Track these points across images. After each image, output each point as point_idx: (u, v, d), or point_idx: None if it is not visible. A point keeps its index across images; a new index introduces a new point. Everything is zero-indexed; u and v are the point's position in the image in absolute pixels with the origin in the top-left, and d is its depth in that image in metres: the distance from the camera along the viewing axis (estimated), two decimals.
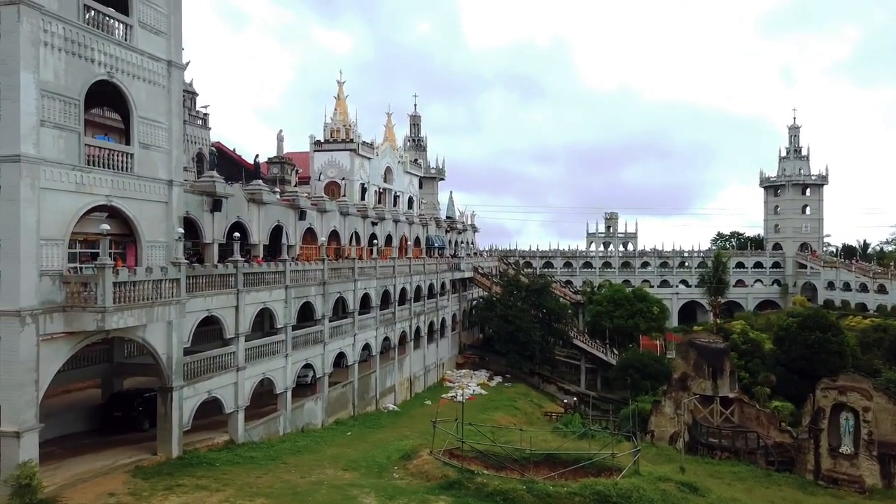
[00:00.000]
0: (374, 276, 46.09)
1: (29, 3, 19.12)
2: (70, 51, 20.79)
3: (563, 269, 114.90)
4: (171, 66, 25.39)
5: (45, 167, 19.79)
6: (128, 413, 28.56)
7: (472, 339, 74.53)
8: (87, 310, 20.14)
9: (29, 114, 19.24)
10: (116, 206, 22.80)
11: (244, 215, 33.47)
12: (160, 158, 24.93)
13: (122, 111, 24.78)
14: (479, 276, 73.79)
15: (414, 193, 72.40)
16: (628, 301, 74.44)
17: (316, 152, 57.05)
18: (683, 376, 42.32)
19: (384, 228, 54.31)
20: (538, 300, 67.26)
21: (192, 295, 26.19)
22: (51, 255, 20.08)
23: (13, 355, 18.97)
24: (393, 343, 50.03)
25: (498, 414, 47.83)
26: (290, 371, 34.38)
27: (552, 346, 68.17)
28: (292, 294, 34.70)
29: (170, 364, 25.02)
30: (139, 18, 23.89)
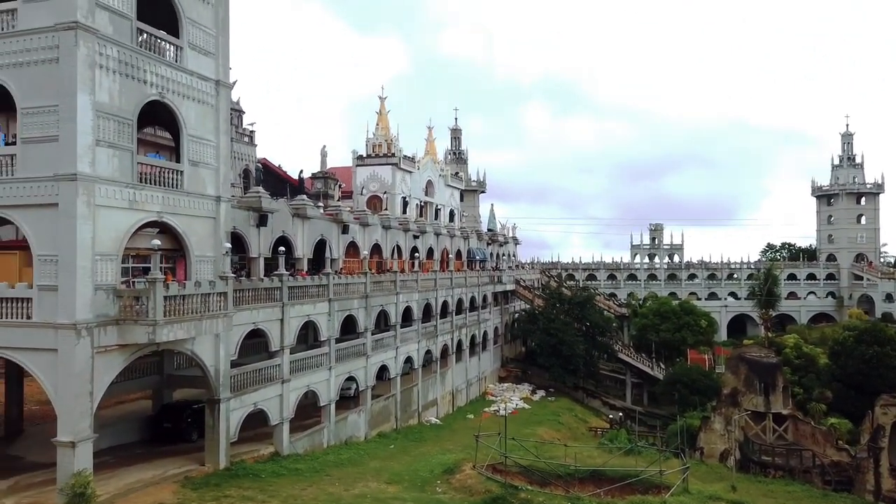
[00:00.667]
0: (415, 289, 46.26)
1: (85, 28, 19.96)
2: (124, 72, 21.58)
3: (607, 282, 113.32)
4: (218, 85, 26.12)
5: (100, 185, 20.51)
6: (177, 424, 29.19)
7: (514, 352, 73.99)
8: (139, 323, 20.71)
9: (85, 134, 20.00)
10: (167, 222, 23.46)
11: (289, 230, 34.05)
12: (208, 175, 25.60)
13: (172, 130, 25.58)
14: (521, 289, 73.33)
15: (455, 206, 72.58)
16: (675, 314, 72.90)
17: (358, 167, 57.82)
18: (734, 392, 41.11)
19: (426, 241, 54.52)
20: (581, 313, 66.43)
21: (238, 308, 26.70)
22: (105, 269, 20.74)
23: (69, 367, 19.60)
24: (435, 356, 50.02)
25: (541, 429, 47.22)
26: (334, 383, 34.67)
27: (596, 359, 67.12)
28: (336, 307, 35.08)
29: (217, 376, 25.52)
30: (189, 40, 24.68)
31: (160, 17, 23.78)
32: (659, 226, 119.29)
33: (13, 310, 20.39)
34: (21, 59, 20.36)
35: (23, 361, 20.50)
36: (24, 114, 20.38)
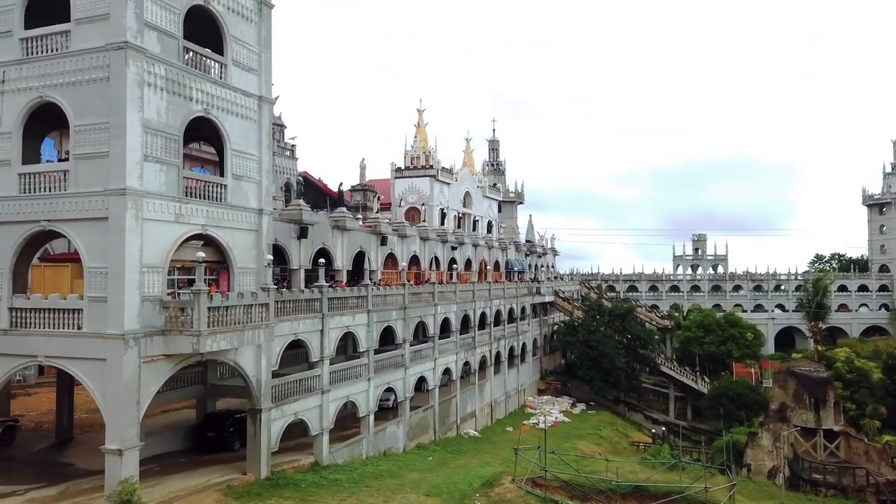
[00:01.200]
0: (453, 300, 46.26)
1: (135, 48, 20.66)
2: (171, 90, 22.25)
3: (649, 293, 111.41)
4: (261, 100, 26.71)
5: (148, 199, 21.12)
6: (220, 433, 29.69)
7: (553, 364, 73.24)
8: (184, 333, 21.18)
9: (134, 150, 20.64)
10: (211, 235, 24.00)
11: (329, 241, 34.47)
12: (251, 189, 26.13)
13: (216, 145, 26.23)
14: (560, 301, 72.65)
15: (493, 217, 72.50)
16: (719, 326, 71.20)
17: (397, 179, 58.30)
18: (782, 407, 39.86)
19: (463, 253, 54.54)
20: (622, 325, 65.43)
21: (279, 319, 27.08)
22: (152, 281, 21.31)
23: (117, 376, 20.14)
24: (473, 368, 49.85)
25: (582, 442, 46.55)
26: (373, 394, 34.83)
27: (638, 372, 65.95)
28: (374, 318, 35.30)
29: (259, 386, 25.90)
30: (233, 57, 25.33)
31: (205, 35, 24.48)
32: (702, 236, 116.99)
33: (65, 320, 21.10)
34: (74, 78, 21.18)
35: (73, 370, 21.17)
36: (76, 131, 21.16)
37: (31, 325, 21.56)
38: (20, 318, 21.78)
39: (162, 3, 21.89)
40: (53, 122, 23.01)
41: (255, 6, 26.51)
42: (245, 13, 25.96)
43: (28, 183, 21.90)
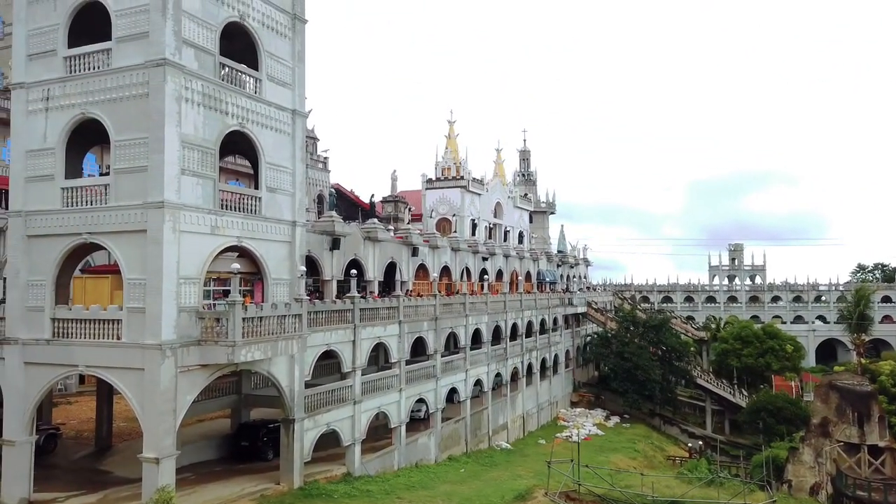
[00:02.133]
0: (485, 311, 46.11)
1: (173, 64, 21.20)
2: (207, 105, 22.74)
3: (684, 304, 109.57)
4: (295, 114, 27.12)
5: (185, 212, 21.57)
6: (254, 443, 29.99)
7: (586, 376, 72.35)
8: (220, 344, 21.50)
9: (172, 163, 21.13)
10: (246, 247, 24.38)
11: (360, 253, 34.72)
12: (285, 201, 26.50)
13: (251, 158, 26.68)
14: (593, 311, 71.84)
15: (524, 228, 72.21)
16: (758, 338, 69.48)
17: (427, 190, 58.51)
18: (824, 421, 38.70)
19: (495, 263, 54.39)
20: (657, 336, 64.36)
21: (312, 330, 27.32)
22: (188, 292, 21.70)
23: (155, 385, 20.52)
24: (505, 379, 49.53)
25: (616, 456, 45.80)
26: (404, 405, 34.83)
27: (674, 385, 64.71)
28: (406, 329, 35.37)
29: (292, 396, 26.11)
30: (267, 72, 25.80)
31: (240, 51, 25.00)
32: (739, 246, 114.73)
33: (105, 330, 21.61)
34: (114, 94, 21.81)
35: (112, 380, 21.64)
36: (116, 146, 21.76)
37: (72, 336, 22.14)
38: (62, 329, 22.38)
39: (199, 21, 22.43)
40: (95, 138, 23.70)
41: (289, 22, 27.00)
42: (279, 29, 26.45)
43: (70, 197, 22.57)
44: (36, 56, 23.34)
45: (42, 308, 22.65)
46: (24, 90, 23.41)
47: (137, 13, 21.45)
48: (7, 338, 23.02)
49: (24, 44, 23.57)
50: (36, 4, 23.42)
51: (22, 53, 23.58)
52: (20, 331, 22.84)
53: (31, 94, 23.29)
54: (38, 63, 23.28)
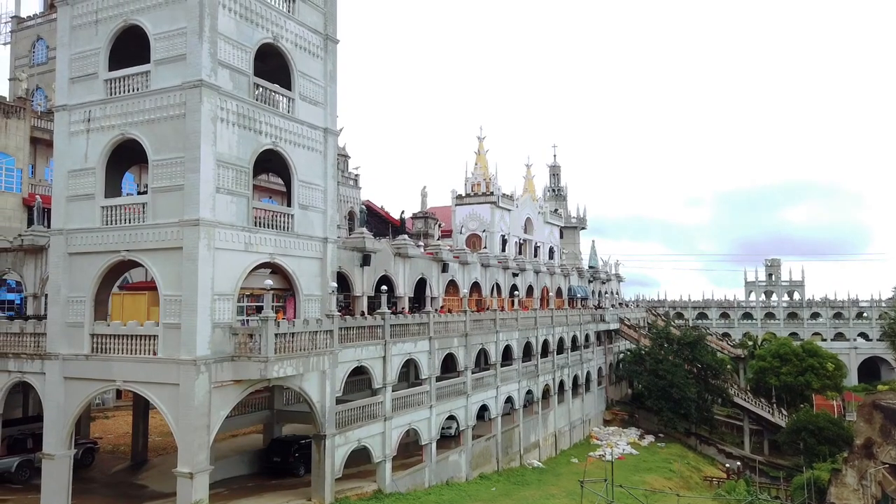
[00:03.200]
0: (515, 327, 45.81)
1: (209, 85, 21.70)
2: (241, 124, 23.20)
3: (720, 321, 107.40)
4: (326, 132, 27.50)
5: (220, 229, 21.95)
6: (285, 458, 30.12)
7: (619, 394, 71.22)
8: (253, 359, 21.71)
9: (207, 182, 21.56)
10: (278, 263, 24.68)
11: (391, 269, 34.85)
12: (317, 218, 26.80)
13: (284, 176, 27.09)
14: (626, 328, 70.85)
15: (555, 243, 71.79)
16: (797, 356, 67.73)
17: (457, 206, 58.66)
18: (868, 442, 37.40)
19: (525, 279, 54.11)
20: (692, 354, 63.14)
21: (343, 346, 27.44)
22: (222, 308, 22.01)
23: (189, 401, 20.79)
24: (536, 397, 49.01)
25: (651, 476, 44.85)
26: (435, 422, 34.67)
27: (710, 404, 63.29)
28: (436, 345, 35.30)
29: (323, 412, 26.19)
30: (300, 92, 26.24)
31: (274, 71, 25.48)
32: (776, 261, 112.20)
33: (141, 346, 22.02)
34: (153, 115, 22.40)
35: (148, 394, 21.99)
36: (154, 165, 22.30)
37: (110, 351, 22.59)
38: (101, 344, 22.86)
39: (234, 43, 22.96)
40: (134, 158, 24.32)
41: (321, 42, 27.48)
42: (312, 49, 26.92)
43: (110, 215, 23.16)
44: (78, 79, 24.12)
45: (82, 324, 23.18)
46: (67, 112, 24.20)
47: (175, 36, 22.06)
48: (48, 353, 23.59)
49: (67, 67, 24.40)
50: (79, 30, 24.26)
51: (65, 77, 24.41)
52: (61, 346, 23.39)
53: (74, 116, 24.06)
54: (81, 86, 24.06)
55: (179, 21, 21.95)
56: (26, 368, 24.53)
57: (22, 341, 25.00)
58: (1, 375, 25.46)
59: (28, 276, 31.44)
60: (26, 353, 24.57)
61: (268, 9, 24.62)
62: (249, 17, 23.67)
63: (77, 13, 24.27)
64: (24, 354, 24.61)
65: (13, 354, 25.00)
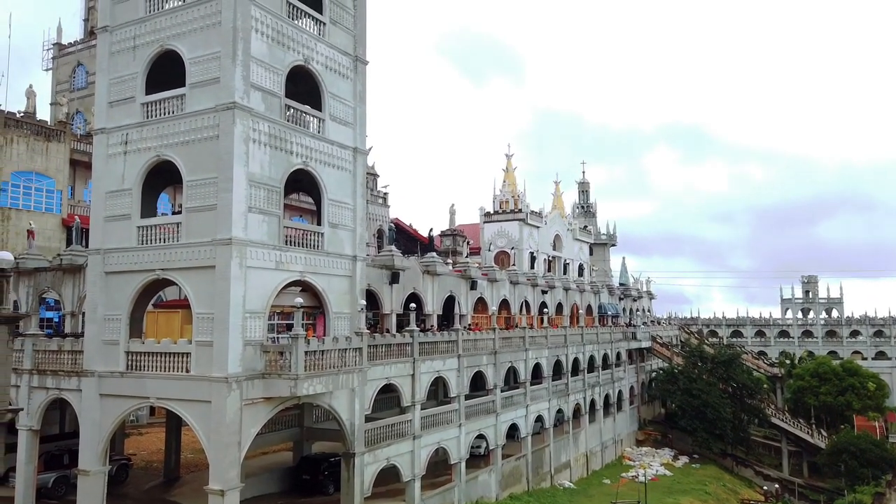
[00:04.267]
0: (545, 345, 45.38)
1: (242, 107, 22.15)
2: (273, 145, 23.59)
3: (755, 339, 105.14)
4: (356, 152, 27.80)
5: (252, 248, 22.25)
6: (315, 476, 30.15)
7: (652, 413, 69.90)
8: (283, 377, 21.84)
9: (239, 202, 21.91)
10: (308, 281, 24.90)
11: (419, 286, 34.89)
12: (346, 236, 27.02)
13: (314, 195, 27.41)
14: (658, 346, 69.70)
15: (584, 260, 71.21)
16: (836, 375, 65.81)
17: (486, 223, 58.67)
18: None
19: (554, 297, 53.69)
20: (727, 372, 61.78)
21: (372, 363, 27.47)
22: (253, 326, 22.24)
23: (221, 418, 20.97)
24: (566, 416, 48.35)
25: (686, 498, 43.81)
26: (464, 441, 34.40)
27: (746, 424, 61.74)
28: (465, 363, 35.12)
29: (352, 430, 26.19)
30: (330, 112, 26.63)
31: (304, 92, 25.92)
32: (813, 277, 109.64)
33: (175, 363, 22.31)
34: (187, 137, 22.92)
35: (181, 411, 22.24)
36: (188, 186, 22.76)
37: (144, 368, 22.94)
38: (135, 361, 23.24)
39: (266, 66, 23.44)
40: (169, 179, 24.85)
41: (350, 63, 27.89)
42: (342, 70, 27.34)
43: (145, 235, 23.67)
44: (116, 103, 24.84)
45: (117, 341, 23.63)
46: (106, 135, 24.90)
47: (209, 60, 22.61)
48: (85, 370, 24.08)
49: (106, 92, 25.15)
50: (117, 55, 25.02)
51: (104, 101, 25.16)
52: (97, 363, 23.85)
53: (112, 139, 24.74)
54: (119, 109, 24.76)
55: (213, 45, 22.51)
56: (64, 385, 25.06)
57: (60, 359, 25.60)
58: (39, 392, 26.05)
59: (66, 294, 32.23)
60: (64, 371, 25.15)
61: (299, 32, 25.12)
62: (281, 40, 24.17)
63: (116, 39, 25.06)
64: (62, 371, 25.19)
65: (51, 371, 25.61)
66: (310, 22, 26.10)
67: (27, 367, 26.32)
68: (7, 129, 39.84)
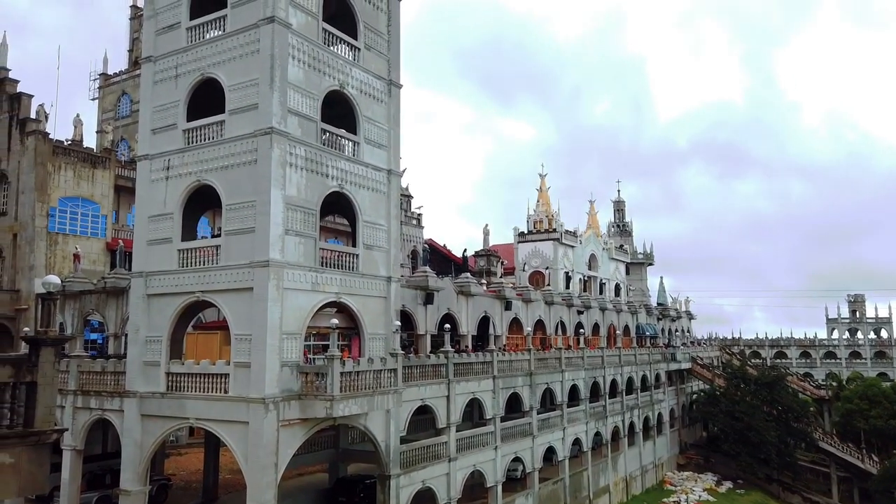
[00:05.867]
0: (581, 366, 44.73)
1: (279, 132, 22.61)
2: (309, 168, 23.98)
3: (800, 360, 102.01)
4: (390, 174, 28.07)
5: (288, 270, 22.54)
6: (350, 498, 30.06)
7: (693, 436, 68.08)
8: (319, 398, 21.94)
9: (277, 224, 22.27)
10: (344, 302, 25.07)
11: (454, 307, 34.82)
12: (380, 257, 27.19)
13: (349, 217, 27.71)
14: (699, 368, 68.05)
15: (620, 280, 70.31)
16: (887, 398, 63.28)
17: (520, 243, 58.51)
18: None
19: (591, 317, 52.98)
20: (771, 395, 59.88)
21: (407, 384, 27.38)
22: (290, 347, 22.45)
23: (258, 439, 21.12)
24: (605, 439, 47.41)
25: None
26: (500, 464, 33.95)
27: (792, 448, 59.62)
28: (500, 384, 34.79)
29: (388, 452, 26.10)
30: (365, 136, 26.99)
31: (339, 116, 26.33)
32: (859, 296, 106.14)
33: (214, 384, 22.62)
34: (226, 162, 23.46)
35: (219, 432, 22.49)
36: (227, 209, 23.24)
37: (184, 389, 23.32)
38: (175, 382, 23.65)
39: (303, 91, 23.93)
40: (208, 202, 25.45)
41: (384, 87, 28.28)
42: (376, 94, 27.74)
43: (186, 258, 24.19)
44: (159, 130, 25.61)
45: (158, 363, 24.09)
46: (149, 161, 25.66)
47: (248, 87, 23.18)
48: (127, 391, 24.58)
49: (149, 119, 25.97)
50: (160, 84, 25.85)
51: (147, 128, 25.97)
52: (138, 384, 24.32)
53: (154, 165, 25.48)
54: (161, 136, 25.52)
55: (252, 73, 23.09)
56: (106, 406, 25.61)
57: (103, 379, 26.20)
58: (83, 412, 26.67)
59: (110, 316, 33.03)
60: (107, 391, 25.71)
61: (334, 58, 25.62)
62: (317, 66, 24.67)
63: (159, 69, 25.92)
64: (105, 392, 25.76)
65: (95, 392, 26.22)
66: (345, 48, 26.61)
67: (72, 388, 27.02)
68: (56, 157, 41.34)
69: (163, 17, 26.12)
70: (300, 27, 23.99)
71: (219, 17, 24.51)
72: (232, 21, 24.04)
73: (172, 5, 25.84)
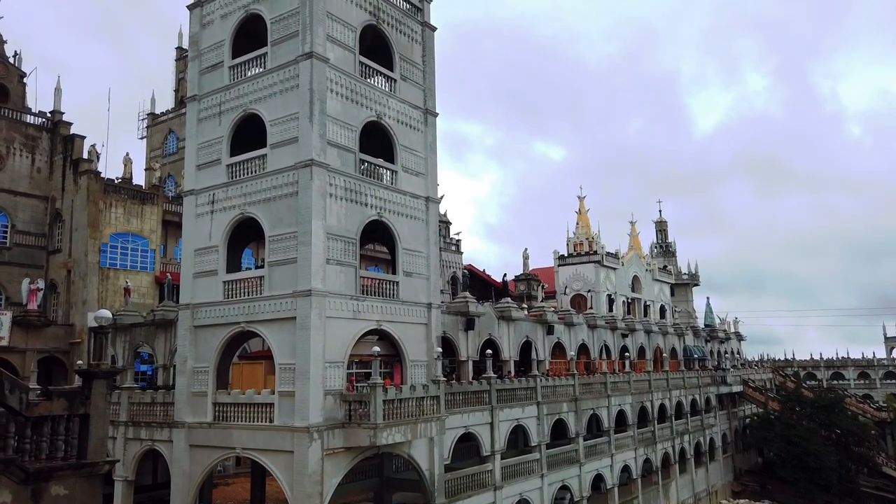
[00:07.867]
0: (628, 391, 43.75)
1: (319, 164, 23.06)
2: (349, 198, 24.34)
3: (858, 381, 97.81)
4: (428, 201, 28.28)
5: (330, 298, 22.79)
6: None
7: (748, 462, 65.61)
8: (362, 426, 21.95)
9: (318, 254, 22.60)
10: (385, 329, 25.17)
11: (495, 332, 34.59)
12: (420, 284, 27.27)
13: (388, 244, 27.95)
14: (751, 391, 65.87)
15: (665, 301, 68.89)
16: None
17: (560, 267, 57.97)
18: None
19: (635, 340, 51.93)
20: (829, 418, 57.49)
21: (450, 411, 27.19)
22: (333, 376, 22.58)
23: (303, 468, 21.19)
24: (655, 465, 46.07)
25: None
26: (547, 492, 33.27)
27: (854, 474, 56.89)
28: (544, 410, 34.27)
29: (432, 480, 25.85)
30: (402, 164, 27.31)
31: (377, 145, 26.74)
32: None
33: (259, 414, 22.86)
34: (268, 195, 24.00)
35: (265, 462, 22.65)
36: (270, 241, 23.71)
37: (230, 419, 23.62)
38: (222, 413, 23.98)
39: (341, 123, 24.42)
40: (251, 234, 26.00)
41: (421, 116, 28.66)
42: (413, 123, 28.12)
43: (231, 289, 24.68)
44: (204, 166, 26.41)
45: (205, 393, 24.49)
46: (194, 196, 26.43)
47: (288, 121, 23.79)
48: (175, 421, 25.02)
49: (194, 156, 26.82)
50: (204, 121, 26.73)
51: (193, 164, 26.81)
52: (186, 415, 24.75)
53: (200, 199, 26.22)
54: (206, 172, 26.30)
55: (292, 107, 23.69)
56: (156, 436, 26.11)
57: (153, 411, 26.74)
58: (134, 443, 27.22)
59: (159, 348, 33.79)
60: (156, 422, 26.22)
61: (371, 90, 26.12)
62: (355, 98, 25.18)
63: (203, 107, 26.82)
64: (155, 423, 26.27)
65: (145, 423, 26.76)
66: (381, 79, 27.11)
67: (123, 419, 27.64)
68: (107, 195, 42.95)
69: (206, 57, 27.10)
70: (337, 61, 24.57)
71: (260, 55, 25.30)
72: (272, 58, 24.78)
73: (216, 45, 26.81)
